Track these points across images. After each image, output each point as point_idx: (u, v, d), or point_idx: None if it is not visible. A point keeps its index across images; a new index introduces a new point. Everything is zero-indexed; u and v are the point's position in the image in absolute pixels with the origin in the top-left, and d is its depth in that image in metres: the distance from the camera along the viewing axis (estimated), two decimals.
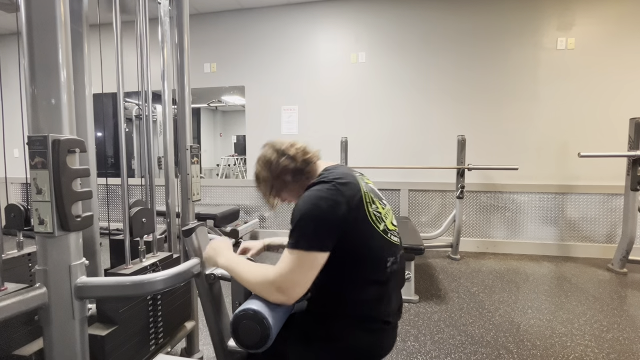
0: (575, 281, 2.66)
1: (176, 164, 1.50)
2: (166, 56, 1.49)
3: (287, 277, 0.79)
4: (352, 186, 0.87)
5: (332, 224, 0.81)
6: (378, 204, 0.92)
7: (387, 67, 3.58)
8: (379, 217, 0.90)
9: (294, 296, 0.80)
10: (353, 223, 0.83)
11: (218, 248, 0.98)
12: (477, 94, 3.41)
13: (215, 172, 4.69)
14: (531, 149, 3.35)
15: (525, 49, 3.30)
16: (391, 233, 0.93)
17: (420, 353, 1.71)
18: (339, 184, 0.85)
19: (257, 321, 0.77)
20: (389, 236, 0.91)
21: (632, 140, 2.71)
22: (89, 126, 1.20)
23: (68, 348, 0.79)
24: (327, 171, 0.95)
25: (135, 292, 0.87)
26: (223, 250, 0.97)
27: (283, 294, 0.80)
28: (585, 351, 1.71)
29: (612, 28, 3.15)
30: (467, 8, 3.38)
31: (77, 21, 1.13)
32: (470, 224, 3.51)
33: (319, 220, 0.81)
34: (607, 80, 3.18)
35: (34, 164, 0.72)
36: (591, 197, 3.27)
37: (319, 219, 0.81)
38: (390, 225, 0.94)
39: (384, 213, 0.93)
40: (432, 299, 2.32)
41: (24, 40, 0.72)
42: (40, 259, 0.76)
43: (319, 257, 0.80)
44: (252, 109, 3.93)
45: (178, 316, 1.35)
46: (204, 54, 3.96)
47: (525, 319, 2.05)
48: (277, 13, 3.77)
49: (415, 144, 3.57)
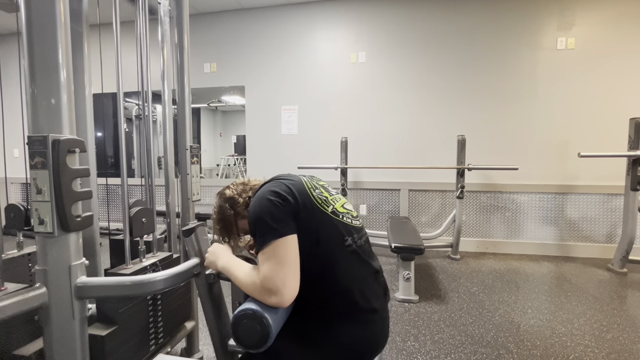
0: (575, 281, 2.66)
1: (176, 164, 1.50)
2: (166, 56, 1.49)
3: (270, 275, 0.79)
4: (292, 177, 0.96)
5: (285, 210, 0.85)
6: (322, 190, 0.96)
7: (387, 67, 3.58)
8: (325, 201, 0.93)
9: (286, 294, 0.79)
10: (302, 207, 0.87)
11: (217, 252, 0.99)
12: (477, 94, 3.41)
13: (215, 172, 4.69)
14: (531, 149, 3.35)
15: (525, 49, 3.30)
16: (343, 215, 0.95)
17: (420, 353, 1.71)
18: (278, 179, 0.94)
19: (257, 321, 0.77)
20: (340, 217, 0.93)
21: (632, 140, 2.71)
22: (89, 126, 1.20)
23: (68, 348, 0.79)
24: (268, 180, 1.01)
25: (135, 292, 0.87)
26: (222, 254, 0.98)
27: (275, 295, 0.79)
28: (585, 351, 1.71)
29: (612, 28, 3.15)
30: (467, 8, 3.38)
31: (77, 21, 1.13)
32: (470, 224, 3.51)
33: (273, 211, 0.84)
34: (607, 80, 3.18)
35: (34, 164, 0.72)
36: (591, 197, 3.27)
37: (272, 209, 0.84)
38: (340, 208, 0.96)
39: (331, 199, 0.96)
40: (432, 299, 2.32)
41: (24, 40, 0.72)
42: (40, 259, 0.76)
43: (289, 241, 0.82)
44: (252, 109, 3.93)
45: (178, 316, 1.35)
46: (204, 54, 3.96)
47: (525, 319, 2.05)
48: (277, 13, 3.77)
49: (415, 144, 3.57)
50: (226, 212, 1.05)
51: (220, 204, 1.07)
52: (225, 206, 1.05)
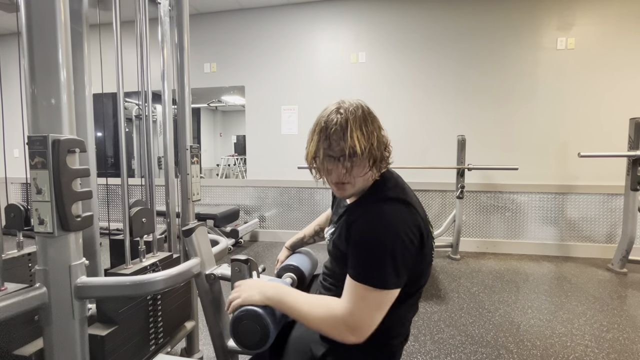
0: (575, 281, 2.66)
1: (176, 164, 1.50)
2: (166, 56, 1.49)
3: (362, 317, 0.69)
4: (421, 211, 0.78)
5: (412, 258, 0.72)
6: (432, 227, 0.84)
7: (387, 67, 3.58)
8: (433, 243, 0.83)
9: (366, 336, 0.70)
10: (421, 256, 0.75)
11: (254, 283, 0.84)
12: (477, 94, 3.41)
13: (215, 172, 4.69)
14: (531, 149, 3.35)
15: (525, 49, 3.30)
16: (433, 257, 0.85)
17: (420, 353, 1.71)
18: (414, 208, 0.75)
19: (257, 321, 0.77)
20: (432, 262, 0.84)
21: (632, 140, 2.71)
22: (89, 126, 1.20)
23: (68, 348, 0.79)
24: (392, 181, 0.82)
25: (135, 292, 0.87)
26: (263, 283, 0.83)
27: (355, 334, 0.69)
28: (585, 351, 1.71)
29: (612, 28, 3.15)
30: (467, 8, 3.38)
31: (77, 21, 1.13)
32: (470, 224, 3.51)
33: (405, 255, 0.70)
34: (607, 80, 3.18)
35: (34, 164, 0.72)
36: (591, 197, 3.27)
37: (405, 253, 0.70)
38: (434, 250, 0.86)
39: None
40: (432, 299, 2.32)
41: (24, 40, 0.72)
42: (40, 259, 0.76)
43: (393, 294, 0.71)
44: (252, 109, 3.93)
45: (178, 316, 1.35)
46: (204, 54, 3.96)
47: (525, 319, 2.05)
48: (277, 13, 3.77)
49: (415, 143, 3.57)
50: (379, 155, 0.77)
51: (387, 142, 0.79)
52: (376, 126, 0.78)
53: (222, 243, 1.43)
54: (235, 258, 0.93)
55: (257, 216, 3.97)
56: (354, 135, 0.73)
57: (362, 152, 0.73)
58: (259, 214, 3.98)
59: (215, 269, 1.08)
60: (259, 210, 3.98)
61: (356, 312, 0.69)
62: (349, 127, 0.74)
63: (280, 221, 3.94)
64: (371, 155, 0.75)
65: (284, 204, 3.89)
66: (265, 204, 3.95)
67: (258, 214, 3.98)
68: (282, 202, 3.90)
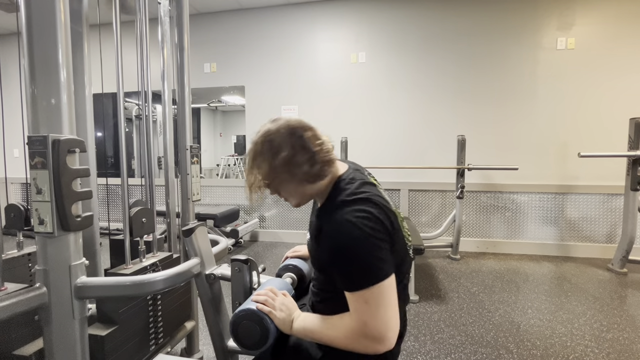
0: (575, 281, 2.66)
1: (176, 164, 1.50)
2: (166, 56, 1.49)
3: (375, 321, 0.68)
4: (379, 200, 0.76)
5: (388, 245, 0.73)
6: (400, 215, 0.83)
7: (387, 67, 3.58)
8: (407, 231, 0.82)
9: (392, 338, 0.70)
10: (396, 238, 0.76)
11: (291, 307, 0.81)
12: (477, 94, 3.41)
13: (215, 172, 4.69)
14: (531, 149, 3.35)
15: (525, 49, 3.30)
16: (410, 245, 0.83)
17: (420, 353, 1.71)
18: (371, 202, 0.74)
19: (256, 321, 0.77)
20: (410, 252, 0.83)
21: (632, 140, 2.71)
22: (89, 126, 1.20)
23: (68, 348, 0.79)
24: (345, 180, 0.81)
25: (135, 292, 0.87)
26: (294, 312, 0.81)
27: (379, 342, 0.69)
28: (585, 351, 1.71)
29: (612, 28, 3.15)
30: (467, 8, 3.38)
31: (77, 21, 1.13)
32: (470, 224, 3.51)
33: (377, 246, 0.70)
34: (607, 80, 3.18)
35: (34, 164, 0.72)
36: (591, 197, 3.27)
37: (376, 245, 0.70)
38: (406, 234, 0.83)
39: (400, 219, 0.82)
40: (432, 299, 2.32)
41: (24, 40, 0.72)
42: (40, 259, 0.76)
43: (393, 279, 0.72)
44: (252, 109, 3.93)
45: (178, 316, 1.35)
46: (204, 54, 3.96)
47: (525, 319, 2.05)
48: (277, 13, 3.77)
49: (415, 143, 3.57)
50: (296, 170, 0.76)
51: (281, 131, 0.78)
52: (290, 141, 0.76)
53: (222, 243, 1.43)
54: (235, 258, 0.93)
55: (257, 216, 3.97)
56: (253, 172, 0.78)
57: (269, 182, 0.78)
58: (259, 214, 3.98)
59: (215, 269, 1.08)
60: (259, 210, 3.98)
61: (367, 319, 0.69)
62: (247, 164, 0.80)
63: (280, 221, 3.94)
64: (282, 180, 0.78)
65: (284, 203, 3.89)
66: (265, 204, 3.95)
67: (258, 214, 3.98)
68: (282, 202, 3.90)
